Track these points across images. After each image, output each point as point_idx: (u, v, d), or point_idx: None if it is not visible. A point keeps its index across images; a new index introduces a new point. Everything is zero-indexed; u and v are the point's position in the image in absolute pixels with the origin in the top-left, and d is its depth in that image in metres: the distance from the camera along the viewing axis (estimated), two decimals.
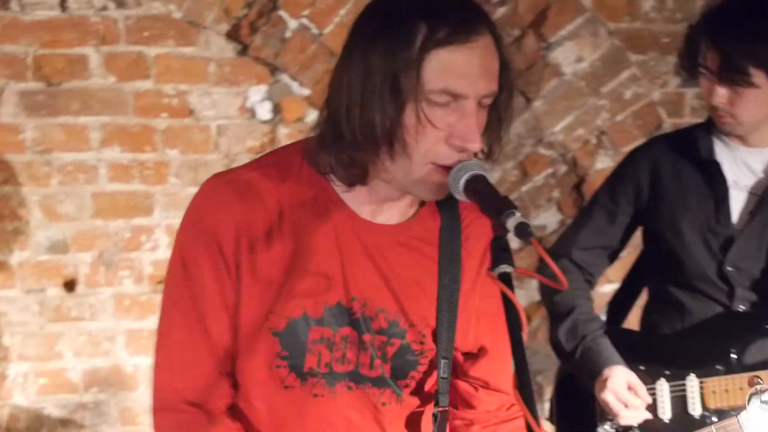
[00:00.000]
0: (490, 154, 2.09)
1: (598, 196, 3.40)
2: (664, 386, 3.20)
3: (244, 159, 4.32)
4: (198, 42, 4.41)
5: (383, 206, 2.13)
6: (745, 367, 3.14)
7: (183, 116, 4.43)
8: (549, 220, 4.78)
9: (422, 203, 2.17)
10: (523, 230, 1.82)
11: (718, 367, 3.16)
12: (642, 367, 3.21)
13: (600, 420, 3.25)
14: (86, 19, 4.30)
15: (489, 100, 2.01)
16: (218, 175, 2.15)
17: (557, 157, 4.73)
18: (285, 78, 4.51)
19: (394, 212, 2.14)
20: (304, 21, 4.42)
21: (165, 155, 4.43)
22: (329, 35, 4.41)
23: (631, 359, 3.21)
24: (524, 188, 4.74)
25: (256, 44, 4.43)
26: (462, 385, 2.29)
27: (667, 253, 3.27)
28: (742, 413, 2.44)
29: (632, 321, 3.64)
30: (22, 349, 4.36)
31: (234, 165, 4.28)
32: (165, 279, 2.18)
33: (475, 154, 2.03)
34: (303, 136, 2.19)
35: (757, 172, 3.18)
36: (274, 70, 4.49)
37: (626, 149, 3.76)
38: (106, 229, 4.40)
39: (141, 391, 4.45)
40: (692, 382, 3.18)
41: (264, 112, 4.52)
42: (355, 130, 1.99)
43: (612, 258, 3.42)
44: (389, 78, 1.96)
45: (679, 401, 3.19)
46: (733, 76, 2.99)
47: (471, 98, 1.97)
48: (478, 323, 2.23)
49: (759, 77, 2.99)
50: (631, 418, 3.17)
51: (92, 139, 4.36)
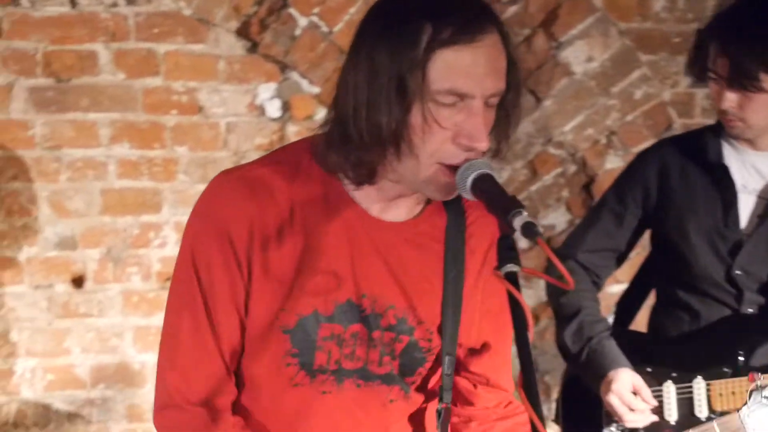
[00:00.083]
0: (498, 152, 2.07)
1: (605, 198, 3.39)
2: (670, 388, 3.19)
3: (253, 156, 4.29)
4: (208, 39, 4.41)
5: (392, 204, 2.12)
6: (752, 369, 3.12)
7: (192, 113, 4.43)
8: (558, 219, 4.77)
9: (429, 200, 2.16)
10: (529, 230, 1.80)
11: (726, 369, 3.15)
12: (649, 369, 3.20)
13: (606, 422, 3.24)
14: (96, 15, 4.30)
15: (496, 99, 2.00)
16: (228, 171, 2.14)
17: (567, 157, 4.71)
18: (294, 76, 4.50)
19: (402, 209, 2.14)
20: (314, 19, 4.42)
21: (174, 152, 4.43)
22: (339, 33, 4.41)
23: (638, 361, 3.20)
24: (533, 188, 4.73)
25: (266, 42, 4.42)
26: (461, 382, 2.29)
27: (675, 256, 3.26)
28: (743, 408, 2.43)
29: (640, 322, 3.63)
30: (30, 344, 4.36)
31: (243, 162, 4.29)
32: (173, 276, 2.15)
33: (483, 153, 2.02)
34: (312, 134, 2.16)
35: (766, 175, 3.17)
36: (283, 67, 4.49)
37: (636, 149, 3.75)
38: (114, 225, 4.41)
39: (148, 388, 4.45)
40: (699, 385, 3.17)
41: (273, 109, 4.52)
42: (362, 131, 1.98)
43: (620, 260, 3.41)
44: (395, 78, 1.94)
45: (686, 403, 3.18)
46: (743, 81, 2.98)
47: (478, 97, 1.96)
48: (480, 321, 2.23)
49: None
50: (636, 422, 3.16)
51: (101, 135, 4.36)
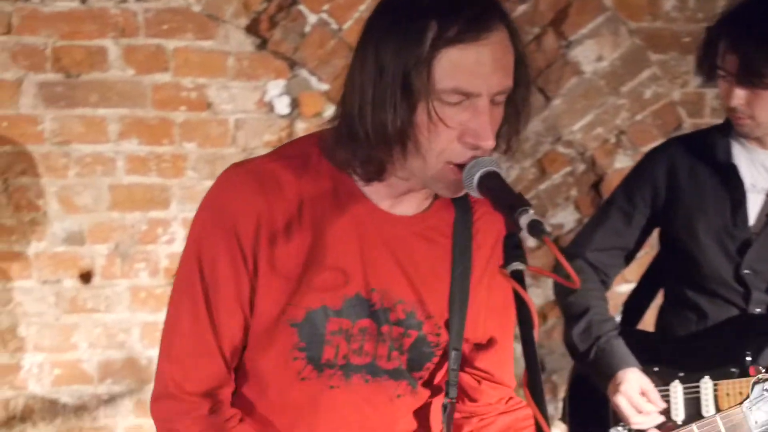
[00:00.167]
0: (508, 149, 2.07)
1: (614, 196, 3.38)
2: (677, 388, 3.18)
3: (262, 153, 4.31)
4: (217, 36, 4.41)
5: (402, 199, 2.12)
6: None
7: (201, 110, 4.43)
8: (566, 218, 4.77)
9: (437, 195, 2.15)
10: (535, 228, 1.80)
11: (733, 369, 3.14)
12: (656, 369, 3.20)
13: (613, 422, 3.23)
14: (106, 11, 4.31)
15: (503, 97, 1.99)
16: (238, 164, 2.13)
17: (576, 156, 4.71)
18: (304, 73, 4.50)
19: (411, 204, 2.13)
20: (324, 16, 4.41)
21: (182, 148, 4.43)
22: (348, 30, 4.40)
23: (646, 360, 3.19)
24: (542, 186, 4.73)
25: (275, 38, 4.42)
26: (465, 378, 2.28)
27: (683, 255, 3.26)
28: (745, 402, 2.43)
29: (648, 322, 3.62)
30: (38, 339, 4.36)
31: None
32: (178, 267, 2.15)
33: (495, 148, 2.02)
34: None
35: None
36: (292, 64, 4.48)
37: (645, 149, 3.74)
38: (122, 221, 4.41)
39: None
40: (706, 385, 3.16)
41: (282, 106, 4.51)
42: (367, 129, 1.98)
43: (628, 259, 3.40)
44: (400, 77, 1.94)
45: (693, 403, 3.17)
46: (752, 78, 2.98)
47: (483, 96, 1.95)
48: (486, 317, 2.22)
49: None
50: (643, 424, 3.15)
51: (110, 131, 4.36)
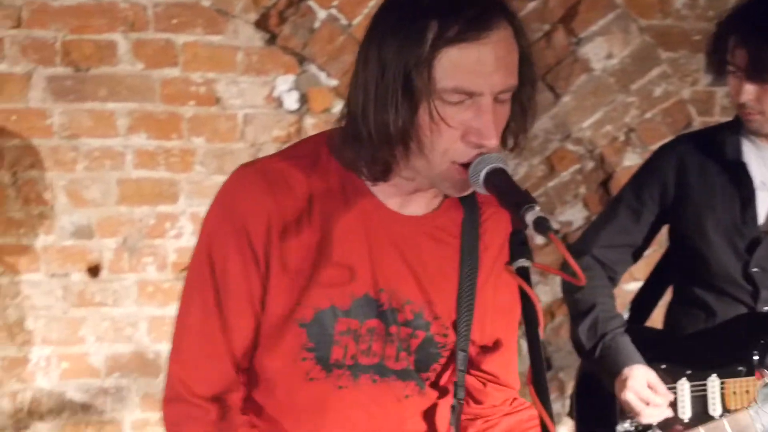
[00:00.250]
0: (515, 146, 2.06)
1: (623, 193, 3.38)
2: (684, 386, 3.18)
3: (270, 148, 4.32)
4: (226, 30, 4.41)
5: (410, 198, 2.11)
6: (766, 368, 3.11)
7: (210, 104, 4.43)
8: (575, 216, 4.76)
9: (446, 194, 2.14)
10: (541, 225, 1.80)
11: (740, 368, 3.13)
12: (663, 366, 3.19)
13: (620, 418, 3.23)
14: (115, 5, 4.31)
15: (507, 95, 1.98)
16: (247, 164, 2.12)
17: (585, 154, 4.70)
18: (313, 68, 4.50)
19: (420, 203, 2.13)
20: (333, 11, 4.41)
21: (191, 143, 4.43)
22: (358, 26, 4.40)
23: (653, 358, 3.19)
24: (551, 184, 4.72)
25: (285, 34, 4.42)
26: (470, 380, 2.27)
27: (692, 252, 3.25)
28: (753, 405, 2.42)
29: (656, 319, 3.61)
30: (46, 333, 4.37)
31: (260, 154, 4.30)
32: (188, 267, 2.15)
33: (504, 146, 2.02)
34: (329, 126, 2.15)
35: None
36: (302, 60, 4.48)
37: (655, 147, 3.73)
38: (130, 215, 4.41)
39: (162, 378, 4.40)
40: (713, 383, 3.15)
41: (291, 101, 4.51)
42: (370, 128, 1.97)
43: (636, 256, 3.40)
44: (401, 76, 1.93)
45: (700, 401, 3.16)
46: (762, 72, 2.98)
47: (486, 95, 1.94)
48: (491, 319, 2.21)
49: None
50: (653, 416, 3.15)
51: (119, 125, 4.36)
